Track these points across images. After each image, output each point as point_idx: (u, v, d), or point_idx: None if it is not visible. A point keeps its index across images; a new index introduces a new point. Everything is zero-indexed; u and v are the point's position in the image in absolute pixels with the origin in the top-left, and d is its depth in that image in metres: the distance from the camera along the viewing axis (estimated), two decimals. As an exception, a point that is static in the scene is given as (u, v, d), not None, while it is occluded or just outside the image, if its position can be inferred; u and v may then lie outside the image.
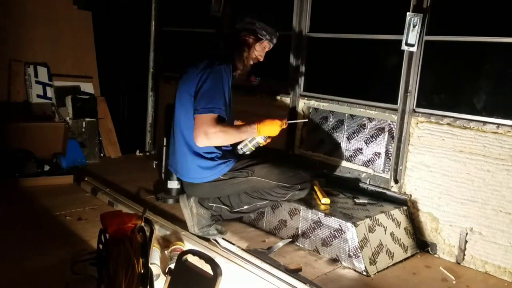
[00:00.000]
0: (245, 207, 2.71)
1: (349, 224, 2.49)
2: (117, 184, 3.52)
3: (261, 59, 2.73)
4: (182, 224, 2.69)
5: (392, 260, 2.59)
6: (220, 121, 2.45)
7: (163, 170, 3.55)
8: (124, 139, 4.63)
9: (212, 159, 2.56)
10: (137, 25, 4.69)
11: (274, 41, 2.71)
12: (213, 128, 2.38)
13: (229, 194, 2.68)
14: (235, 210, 2.73)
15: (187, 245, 2.37)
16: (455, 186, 2.66)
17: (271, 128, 2.52)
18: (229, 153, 2.64)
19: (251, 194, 2.66)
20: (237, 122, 2.78)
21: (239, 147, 2.62)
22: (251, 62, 2.70)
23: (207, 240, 2.55)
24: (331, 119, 3.28)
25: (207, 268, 1.70)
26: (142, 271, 1.73)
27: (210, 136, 2.39)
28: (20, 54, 4.11)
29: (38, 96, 4.11)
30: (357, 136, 3.17)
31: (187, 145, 2.58)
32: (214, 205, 2.70)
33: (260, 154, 2.67)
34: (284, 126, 2.56)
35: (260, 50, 2.69)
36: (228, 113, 2.54)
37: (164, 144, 3.45)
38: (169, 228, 2.60)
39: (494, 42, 2.56)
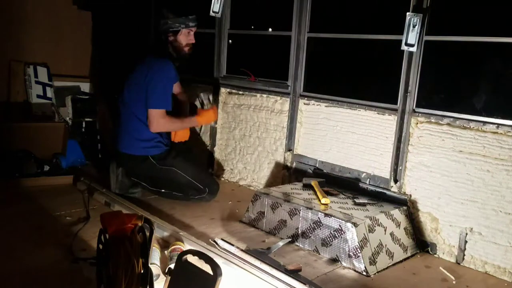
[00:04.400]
0: (162, 190, 3.20)
1: (349, 224, 2.49)
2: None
3: (193, 41, 3.16)
4: (181, 224, 2.69)
5: (392, 260, 2.59)
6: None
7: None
8: (124, 139, 4.61)
9: (149, 139, 3.08)
10: (137, 25, 4.68)
11: (192, 24, 3.12)
12: (162, 119, 3.03)
13: (151, 176, 3.16)
14: (153, 188, 3.23)
15: (186, 245, 2.37)
16: (454, 186, 2.66)
17: (207, 118, 3.38)
18: (164, 143, 3.15)
19: (169, 184, 3.15)
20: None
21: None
22: (185, 50, 3.15)
23: (205, 240, 2.55)
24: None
25: (207, 268, 1.71)
26: (142, 271, 1.73)
27: (161, 126, 3.04)
28: (20, 54, 4.11)
29: (38, 96, 4.11)
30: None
31: (134, 120, 3.10)
32: (136, 180, 3.21)
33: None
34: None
35: (184, 39, 3.12)
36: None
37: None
38: (167, 228, 2.60)
39: (494, 42, 2.57)
